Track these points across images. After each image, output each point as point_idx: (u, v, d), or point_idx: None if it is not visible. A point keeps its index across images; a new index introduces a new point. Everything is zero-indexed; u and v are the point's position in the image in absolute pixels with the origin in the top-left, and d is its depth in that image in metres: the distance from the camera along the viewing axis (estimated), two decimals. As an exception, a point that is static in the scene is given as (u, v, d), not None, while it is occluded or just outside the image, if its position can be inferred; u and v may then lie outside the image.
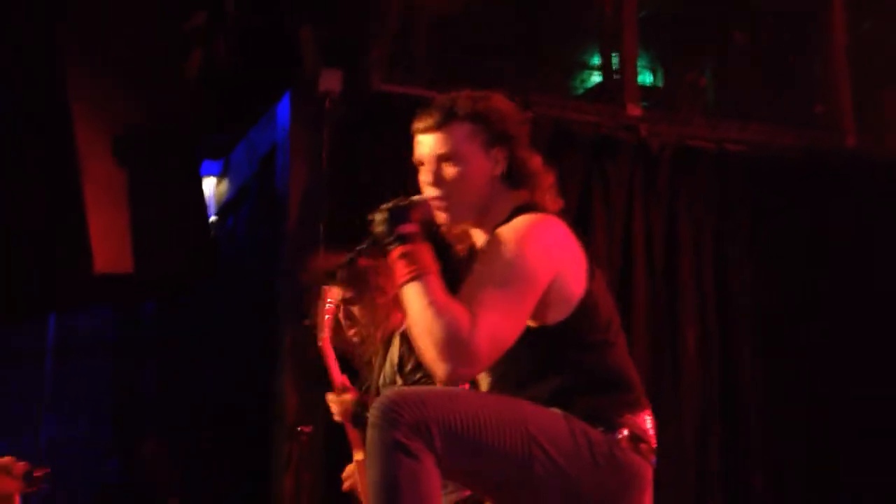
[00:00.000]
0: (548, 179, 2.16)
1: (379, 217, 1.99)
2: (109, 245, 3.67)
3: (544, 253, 2.00)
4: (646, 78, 5.17)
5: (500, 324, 1.90)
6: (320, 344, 2.93)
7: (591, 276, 2.06)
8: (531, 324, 1.99)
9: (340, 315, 3.05)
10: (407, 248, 1.94)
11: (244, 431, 4.26)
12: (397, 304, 2.93)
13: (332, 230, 3.93)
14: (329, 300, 2.98)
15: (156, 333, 5.19)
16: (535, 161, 2.15)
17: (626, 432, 2.00)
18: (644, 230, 4.35)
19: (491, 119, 2.12)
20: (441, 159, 2.09)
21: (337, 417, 2.91)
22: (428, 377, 2.76)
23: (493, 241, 2.01)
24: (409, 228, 1.96)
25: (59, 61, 3.45)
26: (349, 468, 3.06)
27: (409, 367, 2.88)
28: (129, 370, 5.23)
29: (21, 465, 2.87)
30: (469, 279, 1.96)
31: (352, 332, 3.06)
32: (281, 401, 3.85)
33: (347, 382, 2.92)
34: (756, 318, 4.53)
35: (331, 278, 3.06)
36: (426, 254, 1.95)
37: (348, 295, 3.04)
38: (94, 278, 3.66)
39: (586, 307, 2.03)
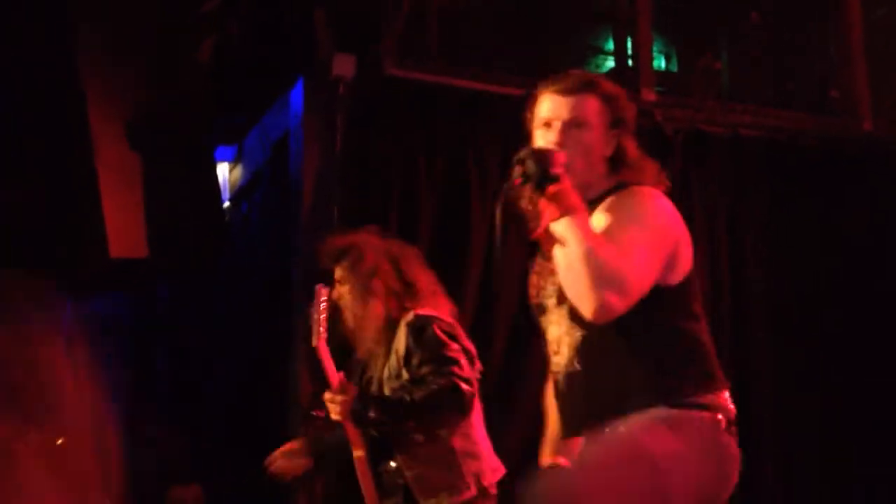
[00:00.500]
0: (651, 168, 2.21)
1: (527, 157, 1.99)
2: (124, 230, 3.69)
3: (671, 216, 2.11)
4: (660, 62, 5.14)
5: (646, 263, 1.98)
6: (315, 345, 2.87)
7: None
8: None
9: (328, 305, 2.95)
10: (559, 186, 1.97)
11: (259, 415, 4.28)
12: (399, 295, 2.93)
13: (345, 215, 3.93)
14: (323, 299, 2.91)
15: (170, 318, 5.21)
16: (635, 150, 2.21)
17: (720, 417, 2.05)
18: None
19: (618, 103, 2.19)
20: (572, 124, 2.14)
21: (336, 416, 2.83)
22: (434, 373, 2.77)
23: (622, 199, 2.09)
24: (558, 169, 1.99)
25: (72, 47, 3.46)
26: (287, 448, 3.05)
27: (415, 360, 2.82)
28: (143, 353, 5.26)
29: None
30: (607, 227, 2.02)
31: (349, 320, 2.97)
32: (295, 385, 3.87)
33: (345, 380, 2.85)
34: (769, 306, 4.51)
35: (336, 261, 3.00)
36: (575, 193, 2.00)
37: (340, 275, 2.97)
38: (108, 263, 3.68)
39: (692, 277, 2.11)
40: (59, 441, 3.02)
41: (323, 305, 2.89)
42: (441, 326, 2.85)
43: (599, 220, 2.05)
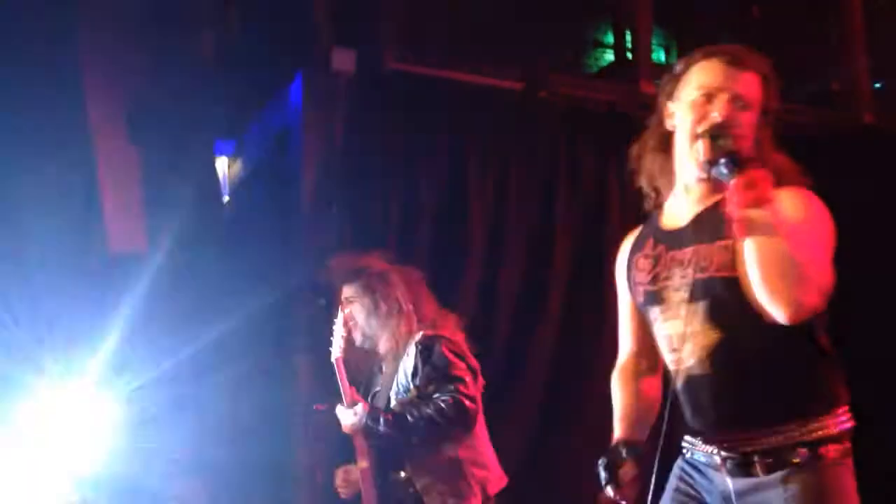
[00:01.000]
0: (790, 163, 2.05)
1: (720, 139, 1.88)
2: (124, 224, 3.69)
3: (829, 216, 1.95)
4: (660, 55, 5.14)
5: (824, 260, 1.86)
6: (334, 360, 3.00)
7: None
8: None
9: (347, 322, 3.12)
10: (760, 171, 1.76)
11: (260, 410, 4.27)
12: (408, 314, 3.06)
13: (345, 209, 3.93)
14: (345, 313, 3.05)
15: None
16: (776, 145, 2.06)
17: (848, 445, 1.97)
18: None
19: (775, 89, 2.03)
20: (737, 98, 1.96)
21: (347, 430, 2.98)
22: (441, 391, 2.91)
23: (793, 201, 1.90)
24: (748, 152, 1.86)
25: (72, 40, 3.46)
26: (342, 475, 3.14)
27: (423, 377, 2.97)
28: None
29: None
30: (794, 226, 1.82)
31: (357, 338, 3.13)
32: (296, 379, 3.87)
33: (358, 397, 2.98)
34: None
35: (347, 281, 3.13)
36: (772, 181, 1.78)
37: (349, 294, 3.12)
38: (109, 257, 3.68)
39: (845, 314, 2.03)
40: None
41: (345, 322, 3.03)
42: (448, 346, 3.01)
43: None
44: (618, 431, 2.11)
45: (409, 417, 2.90)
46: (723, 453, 1.97)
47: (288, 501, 3.81)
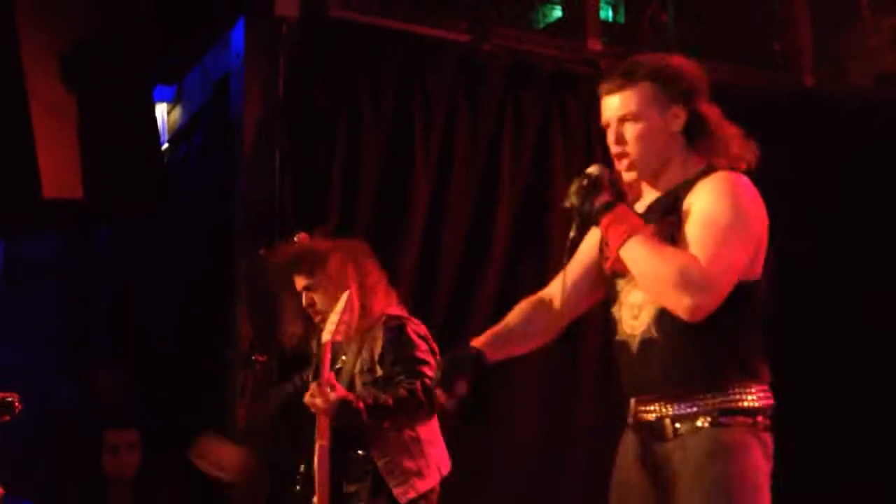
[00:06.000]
0: (729, 131, 2.26)
1: (572, 198, 2.17)
2: (58, 169, 3.60)
3: (758, 211, 2.16)
4: (607, 13, 5.13)
5: (729, 254, 2.07)
6: (325, 340, 2.92)
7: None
8: None
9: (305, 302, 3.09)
10: (612, 214, 2.12)
11: (198, 360, 4.24)
12: (363, 291, 3.04)
13: (288, 158, 3.88)
14: (343, 303, 2.95)
15: (109, 260, 5.13)
16: (714, 116, 2.26)
17: (760, 419, 2.15)
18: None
19: (669, 78, 2.23)
20: (623, 120, 2.22)
21: (316, 409, 2.90)
22: (407, 373, 2.92)
23: (707, 191, 2.14)
24: (606, 197, 2.14)
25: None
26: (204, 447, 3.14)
27: (388, 359, 2.98)
28: (82, 297, 5.17)
29: None
30: (690, 223, 2.11)
31: (317, 318, 3.09)
32: (235, 329, 3.84)
33: (334, 380, 2.93)
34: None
35: (297, 270, 3.09)
36: (630, 212, 2.15)
37: (307, 283, 3.09)
38: (42, 203, 3.59)
39: (770, 270, 2.19)
40: None
41: (345, 305, 2.94)
42: (414, 329, 3.04)
43: (693, 210, 2.13)
44: (480, 340, 2.30)
45: (385, 404, 2.89)
46: (641, 419, 2.21)
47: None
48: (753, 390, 2.14)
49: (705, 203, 2.12)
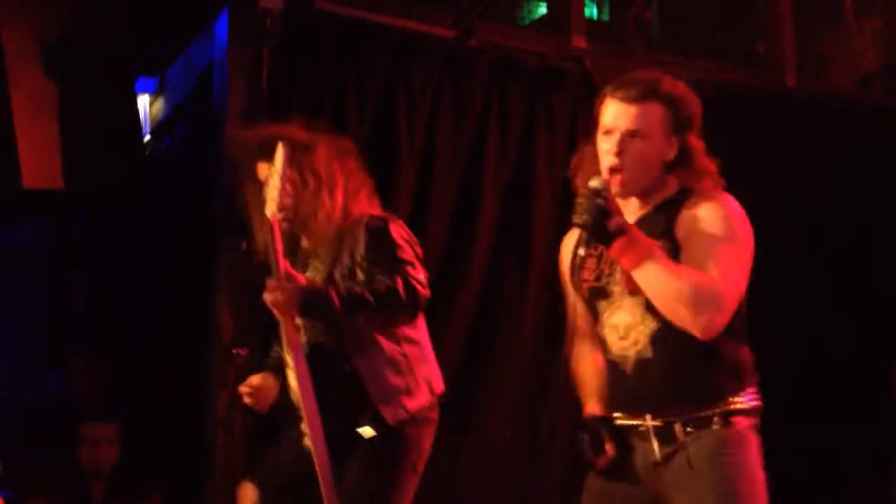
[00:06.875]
0: (712, 168, 2.27)
1: (584, 217, 2.10)
2: (39, 159, 3.57)
3: (748, 226, 2.21)
4: (592, 11, 5.14)
5: (736, 273, 2.14)
6: (270, 215, 2.57)
7: None
8: None
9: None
10: (626, 238, 2.09)
11: (179, 352, 4.22)
12: (343, 190, 2.76)
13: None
14: (285, 159, 2.58)
15: (88, 251, 5.10)
16: (701, 150, 2.27)
17: (756, 422, 2.26)
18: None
19: (682, 106, 2.23)
20: (630, 133, 2.19)
21: (276, 308, 2.58)
22: (389, 272, 2.63)
23: (708, 212, 2.17)
24: (618, 220, 2.10)
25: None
26: (254, 381, 2.82)
27: (370, 260, 2.70)
28: (61, 287, 5.14)
29: None
30: (698, 242, 2.15)
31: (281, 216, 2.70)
32: (216, 322, 3.82)
33: (294, 271, 2.62)
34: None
35: (265, 152, 2.71)
36: (641, 234, 2.13)
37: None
38: (22, 193, 3.57)
39: (751, 280, 2.22)
40: None
41: (286, 167, 2.57)
42: (397, 229, 2.78)
43: (695, 233, 2.16)
44: (592, 407, 2.35)
45: (355, 294, 2.59)
46: (653, 424, 2.23)
47: (209, 447, 3.77)
48: (747, 393, 2.23)
49: (706, 226, 2.16)
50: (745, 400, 2.22)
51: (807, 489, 4.31)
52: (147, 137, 4.83)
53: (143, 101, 4.89)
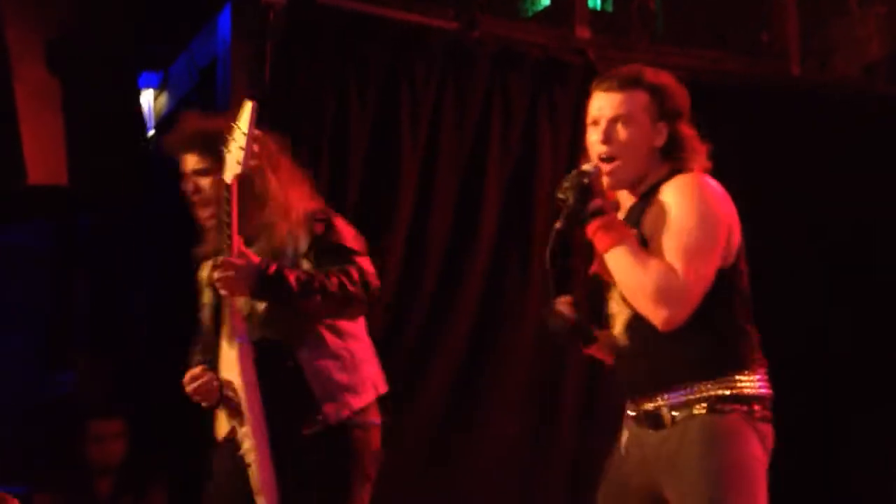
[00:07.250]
0: (701, 152, 2.29)
1: (567, 193, 2.17)
2: (43, 156, 3.59)
3: (719, 201, 2.21)
4: (595, 2, 5.13)
5: (702, 264, 2.13)
6: (230, 180, 2.43)
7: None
8: None
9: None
10: (602, 220, 2.15)
11: (181, 349, 4.22)
12: (290, 188, 2.67)
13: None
14: (247, 123, 2.43)
15: (92, 248, 5.10)
16: (691, 137, 2.29)
17: (756, 407, 2.20)
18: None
19: (666, 94, 2.27)
20: (616, 120, 2.23)
21: (227, 288, 2.48)
22: (339, 263, 2.55)
23: (671, 196, 2.18)
24: (598, 202, 2.16)
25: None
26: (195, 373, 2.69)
27: (318, 251, 2.61)
28: (64, 285, 5.15)
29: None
30: (661, 233, 2.15)
31: (203, 214, 2.69)
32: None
33: (246, 249, 2.50)
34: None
35: (193, 145, 2.66)
36: (618, 221, 2.19)
37: (201, 165, 2.63)
38: (27, 190, 3.58)
39: (741, 253, 2.23)
40: None
41: (252, 126, 2.43)
42: (342, 222, 2.71)
43: (662, 218, 2.16)
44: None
45: (316, 278, 2.49)
46: (639, 410, 2.26)
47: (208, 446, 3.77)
48: (746, 378, 2.18)
49: (672, 210, 2.16)
50: (744, 384, 2.18)
51: (807, 483, 4.30)
52: (151, 132, 4.83)
53: (148, 96, 4.89)
